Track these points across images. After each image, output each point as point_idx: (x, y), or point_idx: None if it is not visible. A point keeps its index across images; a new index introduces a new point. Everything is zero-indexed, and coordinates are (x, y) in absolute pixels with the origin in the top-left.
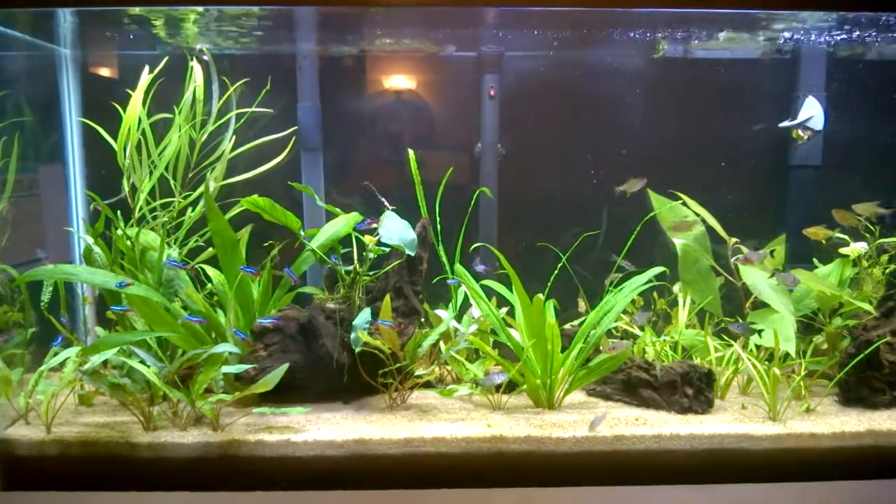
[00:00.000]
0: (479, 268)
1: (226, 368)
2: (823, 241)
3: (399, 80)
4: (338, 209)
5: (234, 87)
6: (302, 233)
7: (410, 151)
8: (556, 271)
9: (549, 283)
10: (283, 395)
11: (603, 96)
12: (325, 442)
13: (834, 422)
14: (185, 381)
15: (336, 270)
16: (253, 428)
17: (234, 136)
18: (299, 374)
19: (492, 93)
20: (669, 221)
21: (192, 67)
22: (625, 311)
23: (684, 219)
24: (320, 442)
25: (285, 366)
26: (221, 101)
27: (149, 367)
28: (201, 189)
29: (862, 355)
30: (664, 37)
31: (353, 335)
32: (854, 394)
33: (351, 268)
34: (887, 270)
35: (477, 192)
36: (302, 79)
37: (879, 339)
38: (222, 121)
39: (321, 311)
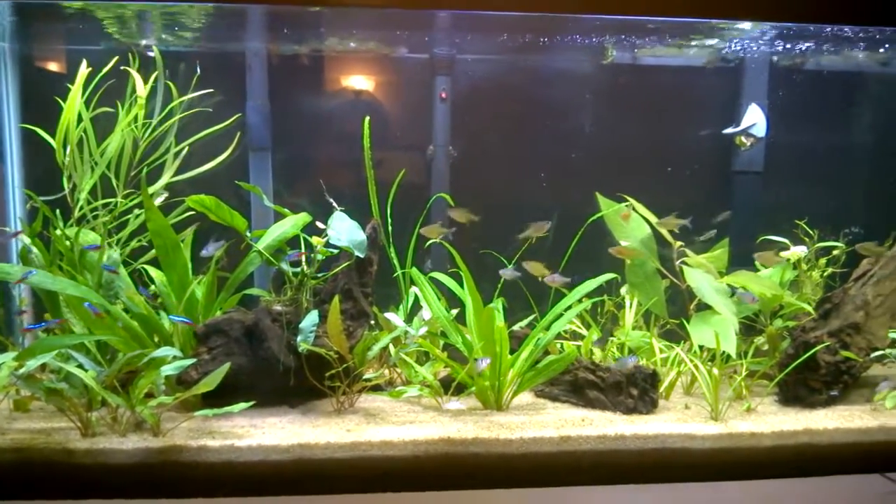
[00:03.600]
0: (427, 267)
1: (165, 369)
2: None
3: (351, 81)
4: (286, 210)
5: (195, 84)
6: (248, 234)
7: (366, 133)
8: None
9: (499, 285)
10: (227, 399)
11: (553, 100)
12: (269, 447)
13: (773, 421)
14: (127, 386)
15: (283, 272)
16: (196, 433)
17: (178, 136)
18: (244, 378)
19: (443, 95)
20: (617, 224)
21: (136, 64)
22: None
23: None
24: (265, 447)
25: (226, 366)
26: (176, 102)
27: (87, 371)
28: (152, 189)
29: (802, 357)
30: (613, 43)
31: (299, 338)
32: (792, 394)
33: (298, 270)
34: (826, 273)
35: (434, 196)
36: (251, 77)
37: (817, 340)
38: (160, 116)
39: (267, 314)
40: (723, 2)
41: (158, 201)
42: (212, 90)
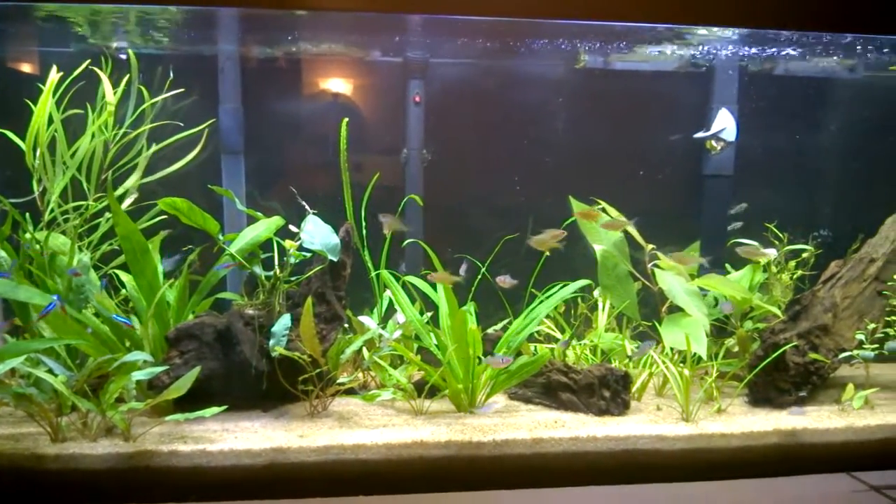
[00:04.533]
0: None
1: (137, 374)
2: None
3: (324, 85)
4: (259, 213)
5: (167, 86)
6: (221, 237)
7: (343, 136)
8: (479, 276)
9: (472, 288)
10: (200, 404)
11: (526, 105)
12: (241, 451)
13: (743, 422)
14: (97, 391)
15: (256, 276)
16: (167, 438)
17: (150, 139)
18: (216, 382)
19: (417, 98)
20: (590, 227)
21: (108, 66)
22: (548, 317)
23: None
24: (236, 451)
25: (196, 370)
26: (148, 104)
27: (57, 376)
28: (120, 191)
29: (769, 358)
30: (586, 48)
31: (271, 342)
32: (762, 394)
33: (271, 273)
34: (795, 276)
35: (406, 198)
36: (224, 81)
37: (786, 341)
38: (132, 119)
39: (240, 318)
40: (700, 8)
41: (128, 202)
42: (184, 93)
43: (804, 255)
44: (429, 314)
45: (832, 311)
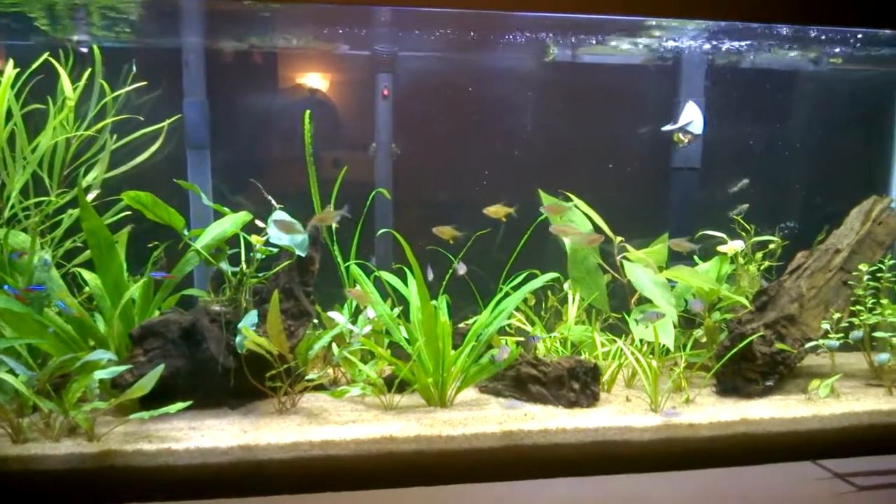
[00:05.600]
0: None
1: (99, 373)
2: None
3: (291, 78)
4: (225, 208)
5: (129, 80)
6: (186, 232)
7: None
8: (450, 270)
9: (444, 281)
10: (165, 402)
11: (495, 98)
12: (207, 449)
13: (711, 412)
14: (60, 390)
15: (222, 272)
16: (132, 437)
17: (114, 133)
18: (182, 380)
19: (385, 92)
20: (559, 221)
21: (69, 60)
22: (518, 310)
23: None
24: (203, 449)
25: (160, 368)
26: (109, 97)
27: (17, 375)
28: (83, 185)
29: (737, 348)
30: (555, 41)
31: (237, 338)
32: (730, 384)
33: (237, 269)
34: (762, 267)
35: (373, 192)
36: (188, 74)
37: (753, 332)
38: (94, 112)
39: (206, 314)
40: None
41: (90, 197)
42: (148, 87)
43: (771, 246)
44: (399, 308)
45: (798, 301)
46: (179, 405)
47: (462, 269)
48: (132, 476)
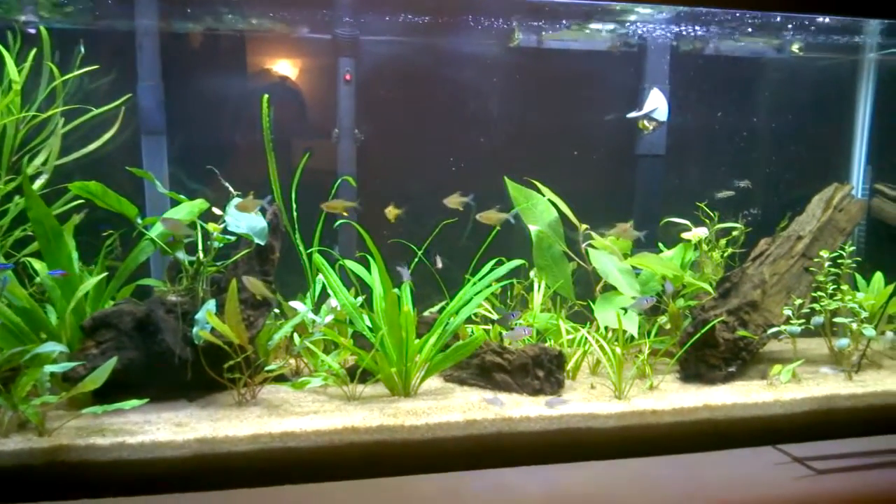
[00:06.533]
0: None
1: (50, 367)
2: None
3: (250, 62)
4: (182, 196)
5: (78, 63)
6: (139, 221)
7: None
8: (415, 260)
9: (409, 269)
10: (120, 395)
11: (460, 83)
12: (163, 443)
13: (674, 398)
14: (9, 384)
15: (178, 261)
16: (84, 431)
17: (63, 118)
18: (138, 372)
19: (347, 77)
20: (526, 209)
21: (16, 42)
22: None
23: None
24: (158, 443)
25: (113, 360)
26: (59, 80)
27: None
28: (30, 171)
29: (699, 334)
30: (519, 26)
31: (194, 329)
32: (693, 371)
33: (194, 258)
34: (725, 254)
35: (338, 180)
36: (142, 57)
37: (717, 318)
38: (44, 96)
39: (161, 305)
40: None
41: (38, 183)
42: (101, 70)
43: (734, 233)
44: (363, 297)
45: (761, 287)
46: (134, 402)
47: (439, 262)
48: (85, 471)
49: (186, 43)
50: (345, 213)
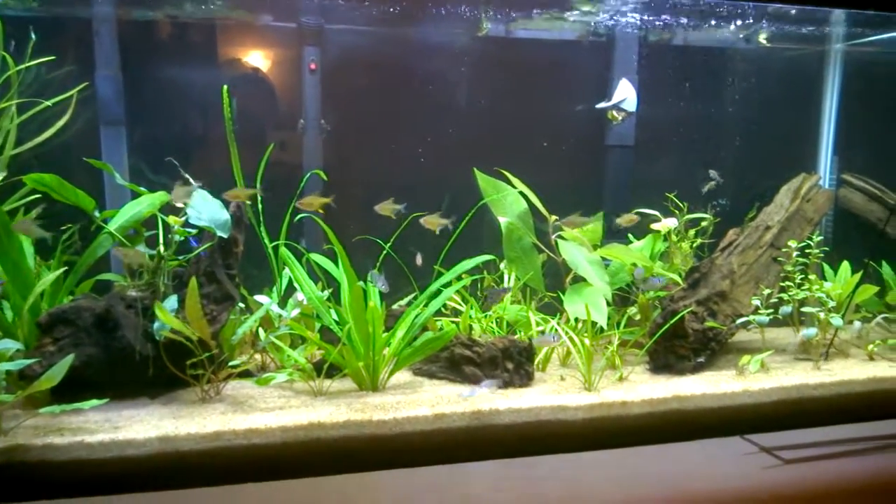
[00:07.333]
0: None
1: (5, 365)
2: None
3: (213, 50)
4: (142, 188)
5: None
6: (97, 214)
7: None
8: (383, 253)
9: (378, 262)
10: (79, 393)
11: (428, 73)
12: (123, 441)
13: (643, 389)
14: None
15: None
16: (42, 431)
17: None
18: (97, 370)
19: (313, 66)
20: (495, 201)
21: None
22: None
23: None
24: (118, 442)
25: (69, 358)
26: (13, 70)
27: None
28: None
29: (668, 325)
30: (487, 15)
31: (155, 325)
32: (662, 361)
33: (154, 252)
34: (694, 244)
35: (308, 174)
36: (100, 45)
37: (686, 308)
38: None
39: (121, 300)
40: None
41: None
42: (57, 60)
43: (703, 223)
44: (329, 291)
45: (730, 277)
46: (94, 401)
47: (419, 259)
48: (43, 472)
49: (146, 31)
50: (320, 210)
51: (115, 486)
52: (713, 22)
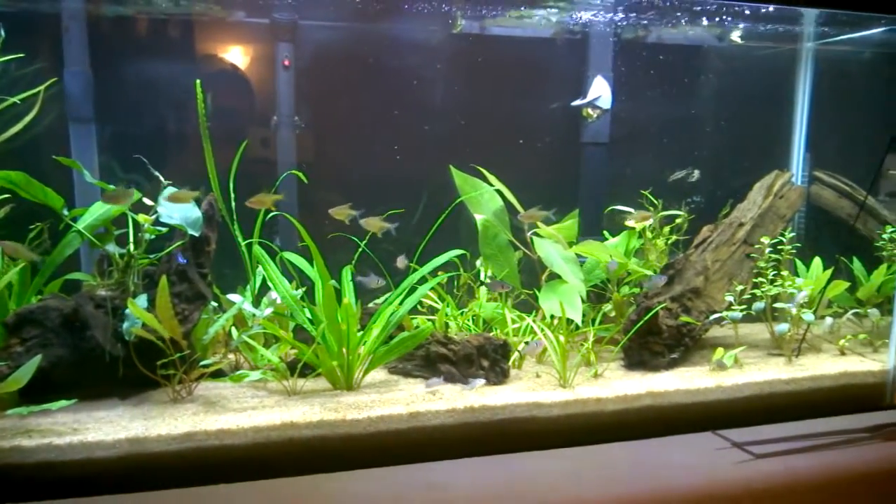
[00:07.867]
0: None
1: None
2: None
3: (184, 47)
4: (112, 186)
5: None
6: (66, 212)
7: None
8: (358, 251)
9: (352, 261)
10: (48, 395)
11: (402, 70)
12: (93, 443)
13: (618, 385)
14: None
15: (108, 254)
16: (9, 433)
17: None
18: (66, 371)
19: (286, 63)
20: (472, 198)
21: None
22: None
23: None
24: (88, 443)
25: (37, 359)
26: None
27: None
28: None
29: (642, 321)
30: (462, 12)
31: (125, 325)
32: (637, 358)
33: (125, 250)
34: (669, 241)
35: (285, 173)
36: (68, 42)
37: (660, 305)
38: None
39: (90, 300)
40: None
41: None
42: (25, 57)
43: (678, 220)
44: (303, 289)
45: (704, 274)
46: (63, 402)
47: (402, 262)
48: (9, 475)
49: (116, 27)
50: (347, 222)
51: (85, 489)
52: (688, 19)
